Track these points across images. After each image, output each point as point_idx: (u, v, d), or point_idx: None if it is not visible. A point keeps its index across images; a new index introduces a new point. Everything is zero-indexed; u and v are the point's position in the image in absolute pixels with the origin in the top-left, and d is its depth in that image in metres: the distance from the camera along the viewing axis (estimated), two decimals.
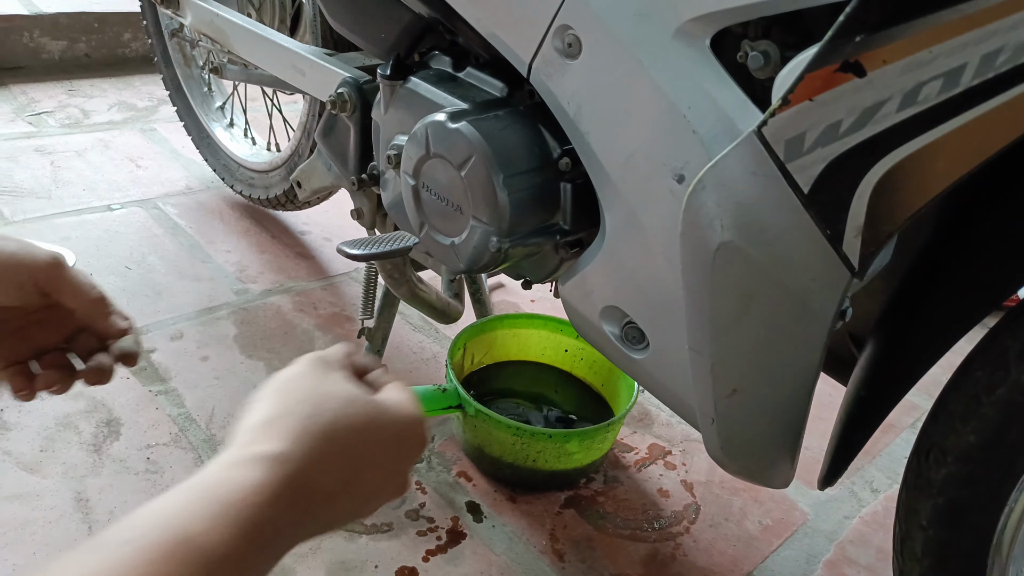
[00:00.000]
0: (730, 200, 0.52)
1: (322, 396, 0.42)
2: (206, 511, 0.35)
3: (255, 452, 0.38)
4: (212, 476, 0.37)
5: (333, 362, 0.47)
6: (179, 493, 0.36)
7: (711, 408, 0.61)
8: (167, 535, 0.33)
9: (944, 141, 0.43)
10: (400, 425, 0.45)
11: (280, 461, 0.38)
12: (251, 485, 0.36)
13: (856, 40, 0.42)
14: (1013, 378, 0.55)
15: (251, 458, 0.37)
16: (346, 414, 0.42)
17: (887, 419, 0.66)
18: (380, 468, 0.44)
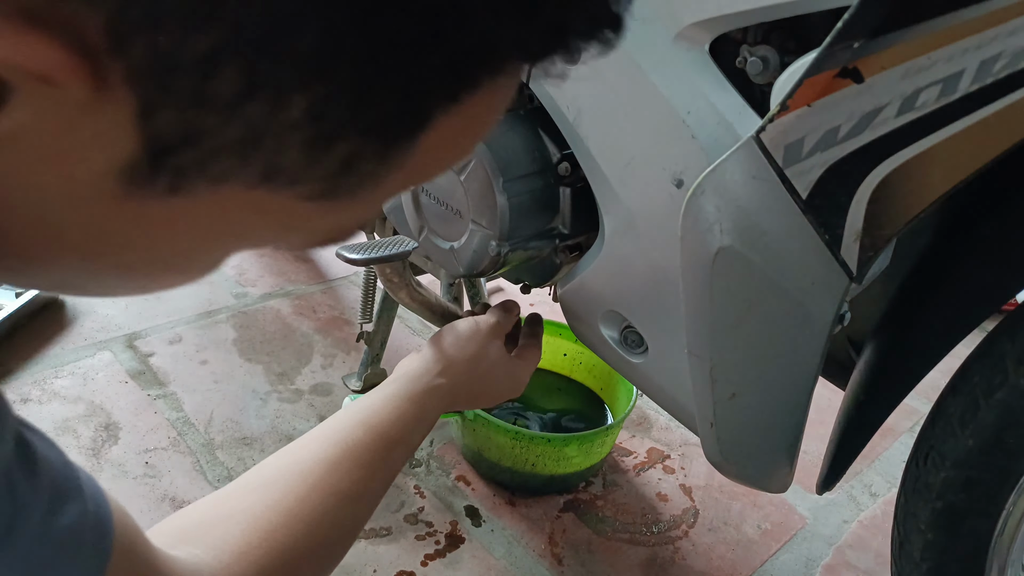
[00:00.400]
0: (729, 205, 0.52)
1: (483, 356, 0.72)
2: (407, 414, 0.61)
3: (437, 384, 0.66)
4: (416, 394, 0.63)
5: (500, 331, 0.75)
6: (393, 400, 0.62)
7: (710, 412, 0.62)
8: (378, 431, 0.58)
9: (942, 147, 0.43)
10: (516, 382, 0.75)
11: (447, 391, 0.67)
12: (429, 405, 0.64)
13: (854, 46, 0.42)
14: (1011, 382, 0.55)
15: (434, 387, 0.65)
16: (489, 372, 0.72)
17: (885, 423, 0.66)
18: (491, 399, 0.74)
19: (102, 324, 1.23)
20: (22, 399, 1.06)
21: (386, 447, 0.57)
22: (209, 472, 1.00)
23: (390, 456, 0.57)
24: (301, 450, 0.54)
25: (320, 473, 0.51)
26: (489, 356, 0.72)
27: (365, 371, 1.20)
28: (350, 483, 0.52)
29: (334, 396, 1.18)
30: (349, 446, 0.54)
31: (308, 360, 1.25)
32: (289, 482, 0.50)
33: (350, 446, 0.54)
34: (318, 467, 0.52)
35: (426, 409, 0.63)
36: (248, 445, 1.06)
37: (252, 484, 0.50)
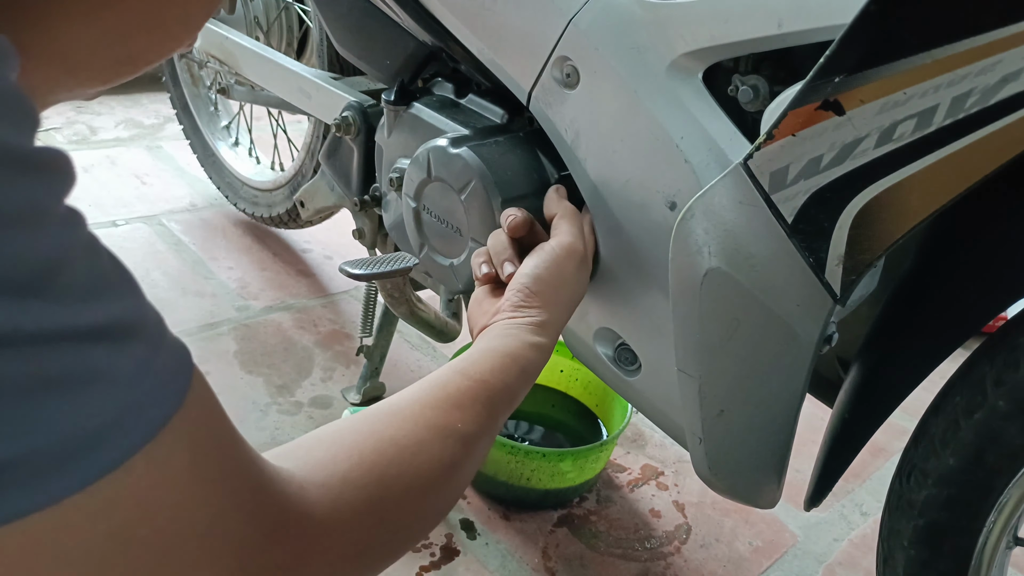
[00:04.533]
0: (718, 228, 0.54)
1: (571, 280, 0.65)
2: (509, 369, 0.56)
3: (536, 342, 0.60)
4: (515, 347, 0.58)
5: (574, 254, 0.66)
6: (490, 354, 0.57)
7: (699, 428, 0.63)
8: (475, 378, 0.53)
9: (918, 177, 0.45)
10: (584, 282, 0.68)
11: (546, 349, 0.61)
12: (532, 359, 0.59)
13: (835, 80, 0.45)
14: (990, 403, 0.57)
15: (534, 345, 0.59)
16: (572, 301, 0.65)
17: (877, 443, 0.67)
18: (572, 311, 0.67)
19: None
20: None
21: (488, 394, 0.53)
22: None
23: (492, 403, 0.53)
24: (396, 395, 0.51)
25: (416, 409, 0.48)
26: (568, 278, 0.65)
27: (364, 384, 1.21)
28: (448, 420, 0.49)
29: (334, 409, 1.20)
30: (447, 389, 0.51)
31: (308, 373, 1.27)
32: (382, 415, 0.47)
33: (448, 389, 0.51)
34: (413, 405, 0.49)
35: (529, 364, 0.58)
36: None
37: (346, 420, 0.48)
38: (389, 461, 0.43)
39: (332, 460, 0.41)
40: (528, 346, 0.59)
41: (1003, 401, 0.56)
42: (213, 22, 1.30)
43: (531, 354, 0.59)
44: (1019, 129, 0.43)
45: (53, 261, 0.25)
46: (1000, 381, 0.56)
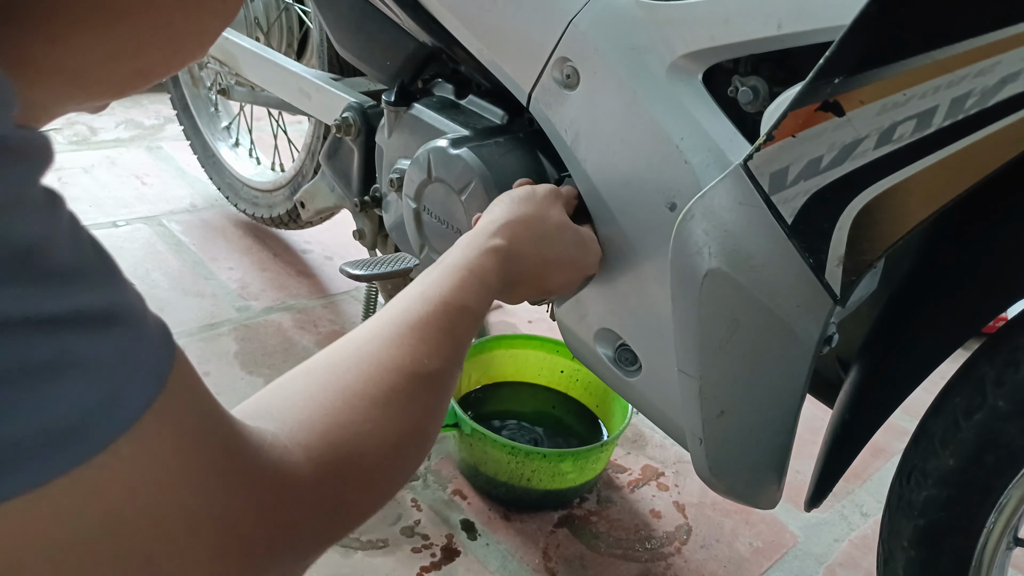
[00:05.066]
0: (718, 229, 0.54)
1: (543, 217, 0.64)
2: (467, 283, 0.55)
3: (493, 245, 0.59)
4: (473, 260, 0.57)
5: (559, 196, 0.68)
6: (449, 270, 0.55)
7: (699, 429, 0.63)
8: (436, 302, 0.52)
9: (918, 178, 0.45)
10: (585, 251, 0.67)
11: (507, 252, 0.60)
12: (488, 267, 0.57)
13: (835, 82, 0.45)
14: (990, 403, 0.57)
15: (490, 249, 0.59)
16: (553, 235, 0.64)
17: (877, 443, 0.67)
18: (561, 275, 0.66)
19: None
20: None
21: (449, 317, 0.52)
22: None
23: (455, 327, 0.52)
24: (360, 332, 0.50)
25: (380, 351, 0.47)
26: (551, 217, 0.65)
27: None
28: (415, 358, 0.48)
29: None
30: (410, 322, 0.50)
31: None
32: (348, 363, 0.46)
33: (411, 322, 0.50)
34: (378, 346, 0.48)
35: (486, 273, 0.57)
36: None
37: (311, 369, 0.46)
38: (364, 417, 0.43)
39: (310, 420, 0.40)
40: (484, 252, 0.58)
41: (1003, 402, 0.56)
42: None
43: (488, 262, 0.58)
44: (1018, 130, 0.43)
45: (33, 245, 0.25)
46: (1000, 382, 0.56)
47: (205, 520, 0.31)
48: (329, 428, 0.41)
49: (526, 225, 0.62)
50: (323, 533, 0.39)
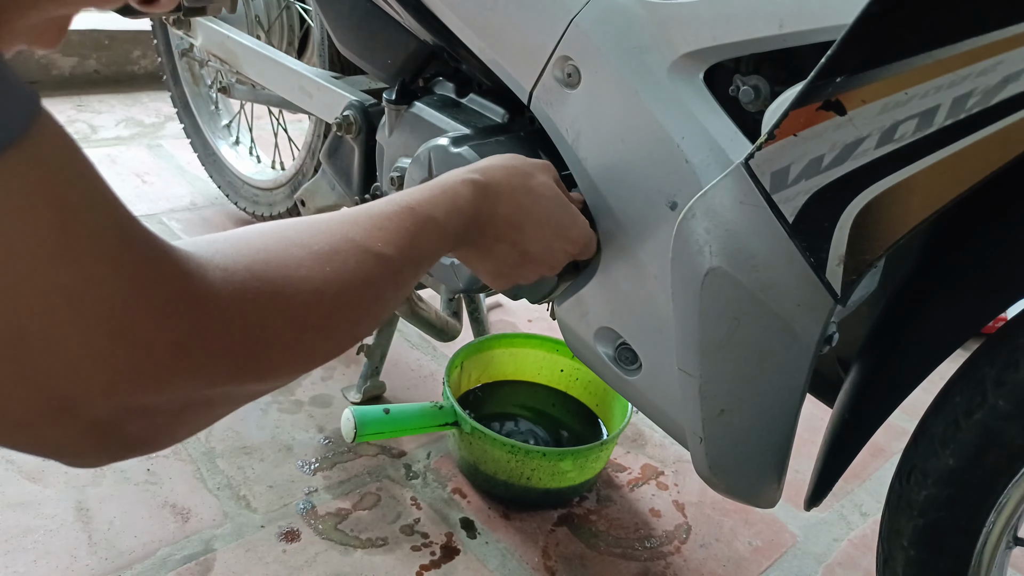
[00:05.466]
0: (719, 228, 0.54)
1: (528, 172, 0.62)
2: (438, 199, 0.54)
3: (470, 177, 0.58)
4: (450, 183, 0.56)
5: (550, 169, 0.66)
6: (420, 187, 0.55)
7: (699, 428, 0.63)
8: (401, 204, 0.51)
9: (919, 177, 0.45)
10: (572, 219, 0.65)
11: (484, 186, 0.58)
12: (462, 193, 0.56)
13: (837, 81, 0.45)
14: (990, 403, 0.57)
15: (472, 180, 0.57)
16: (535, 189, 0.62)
17: (877, 443, 0.68)
18: (541, 237, 0.62)
19: None
20: None
21: (413, 220, 0.50)
22: (209, 480, 1.02)
23: (417, 230, 0.50)
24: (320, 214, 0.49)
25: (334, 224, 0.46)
26: (536, 176, 0.63)
27: (365, 383, 1.22)
28: (367, 238, 0.46)
29: (334, 408, 1.20)
30: (368, 211, 0.49)
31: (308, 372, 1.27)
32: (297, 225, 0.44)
33: (370, 211, 0.49)
34: (333, 219, 0.46)
35: (459, 197, 0.55)
36: (248, 454, 1.07)
37: (251, 226, 0.44)
38: (298, 262, 0.41)
39: (236, 252, 0.38)
40: (461, 181, 0.57)
41: (1003, 401, 0.56)
42: (214, 21, 1.30)
43: (464, 189, 0.56)
44: (1020, 130, 0.43)
45: None
46: (1000, 381, 0.56)
47: (89, 303, 0.29)
48: (255, 261, 0.39)
49: (507, 171, 0.61)
50: (236, 361, 0.37)
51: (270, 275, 0.39)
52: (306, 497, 1.02)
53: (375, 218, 0.48)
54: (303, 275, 0.41)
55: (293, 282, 0.40)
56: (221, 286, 0.35)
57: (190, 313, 0.33)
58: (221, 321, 0.35)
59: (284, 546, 0.95)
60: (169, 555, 0.90)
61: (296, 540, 0.96)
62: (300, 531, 0.97)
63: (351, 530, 0.98)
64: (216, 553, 0.92)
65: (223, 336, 0.35)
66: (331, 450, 1.11)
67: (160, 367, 0.32)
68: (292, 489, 1.03)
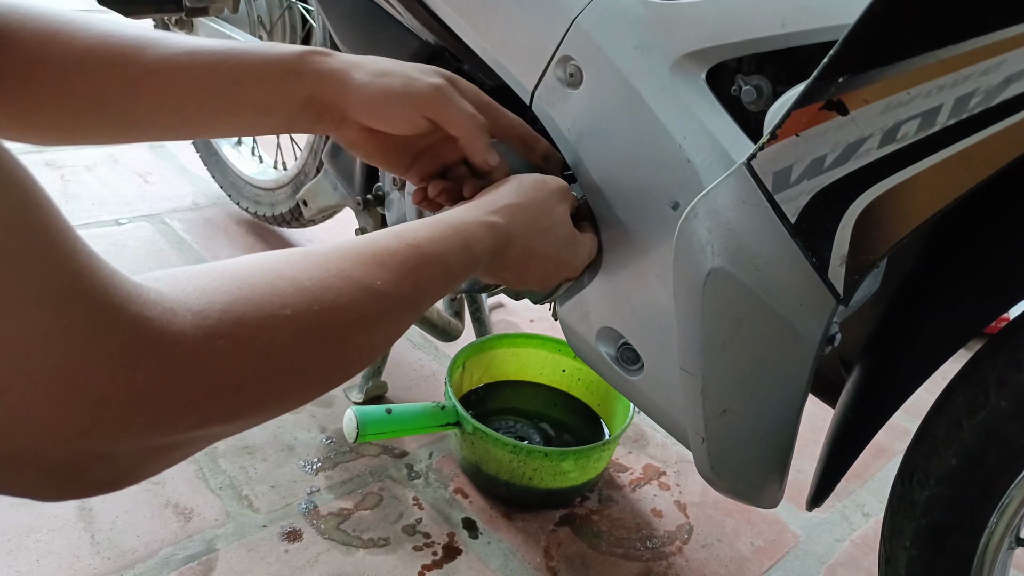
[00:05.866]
0: (721, 228, 0.54)
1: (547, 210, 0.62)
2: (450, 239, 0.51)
3: (491, 220, 0.56)
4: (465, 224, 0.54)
5: (567, 195, 0.66)
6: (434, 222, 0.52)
7: (701, 427, 0.63)
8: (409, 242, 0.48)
9: (922, 177, 0.45)
10: (576, 252, 0.66)
11: (501, 230, 0.57)
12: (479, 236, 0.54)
13: (839, 80, 0.45)
14: (992, 404, 0.57)
15: (487, 223, 0.56)
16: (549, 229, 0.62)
17: (879, 444, 0.68)
18: (543, 269, 0.63)
19: None
20: None
21: (417, 258, 0.48)
22: (211, 480, 1.02)
23: (421, 270, 0.48)
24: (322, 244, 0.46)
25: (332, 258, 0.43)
26: (554, 213, 0.62)
27: (367, 383, 1.22)
28: (365, 273, 0.43)
29: (336, 407, 1.20)
30: (372, 245, 0.46)
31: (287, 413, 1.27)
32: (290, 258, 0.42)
33: (373, 246, 0.46)
34: (331, 253, 0.43)
35: (474, 242, 0.53)
36: (250, 454, 1.08)
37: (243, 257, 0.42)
38: (283, 301, 0.38)
39: (216, 290, 0.36)
40: (479, 223, 0.55)
41: (1005, 402, 0.56)
42: (216, 21, 1.30)
43: (481, 232, 0.54)
44: (1022, 129, 0.43)
45: None
46: (1003, 382, 0.56)
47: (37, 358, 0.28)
48: (236, 300, 0.36)
49: (528, 213, 0.60)
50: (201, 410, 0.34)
51: (249, 316, 0.36)
52: (308, 497, 1.02)
53: (378, 253, 0.46)
54: (286, 315, 0.38)
55: (274, 322, 0.37)
56: (190, 332, 0.33)
57: (148, 365, 0.31)
58: (185, 370, 0.33)
59: (286, 546, 0.95)
60: (171, 555, 0.91)
61: (298, 540, 0.96)
62: (302, 531, 0.97)
63: (353, 530, 0.98)
64: (218, 553, 0.92)
65: (186, 386, 0.33)
66: (333, 450, 1.11)
67: (115, 420, 0.31)
68: (294, 489, 1.03)
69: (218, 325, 0.34)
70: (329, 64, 0.59)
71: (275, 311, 0.37)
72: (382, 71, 0.60)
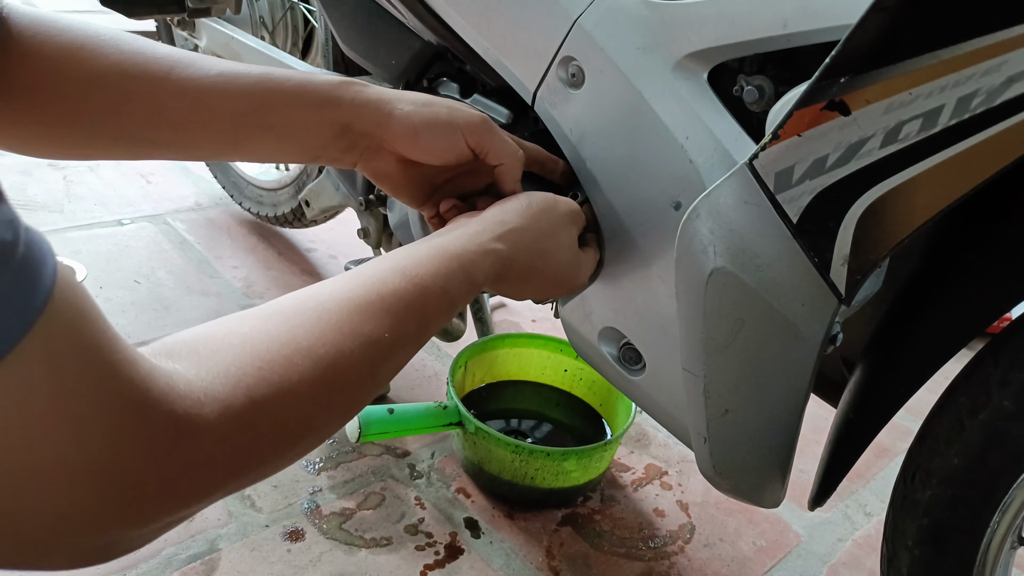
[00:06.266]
0: (723, 228, 0.54)
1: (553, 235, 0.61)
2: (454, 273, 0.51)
3: (493, 248, 0.56)
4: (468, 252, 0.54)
5: (576, 219, 0.65)
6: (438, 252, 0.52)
7: (704, 427, 0.63)
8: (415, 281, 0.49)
9: (923, 177, 0.45)
10: (571, 277, 0.65)
11: (505, 258, 0.56)
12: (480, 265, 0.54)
13: (841, 81, 0.45)
14: (994, 403, 0.57)
15: (489, 251, 0.55)
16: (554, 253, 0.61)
17: (881, 443, 0.68)
18: (539, 286, 0.62)
19: None
20: None
21: (423, 298, 0.49)
22: None
23: (427, 308, 0.49)
24: (325, 288, 0.46)
25: (342, 312, 0.44)
26: (559, 237, 0.62)
27: None
28: (375, 327, 0.45)
29: None
30: (380, 290, 0.47)
31: None
32: (303, 316, 0.43)
33: (381, 291, 0.47)
34: (340, 305, 0.44)
35: (476, 271, 0.54)
36: None
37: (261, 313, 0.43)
38: (301, 376, 0.40)
39: (238, 370, 0.37)
40: (482, 251, 0.55)
41: (1008, 401, 0.56)
42: (218, 22, 1.31)
43: (482, 260, 0.55)
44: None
45: None
46: (1005, 381, 0.56)
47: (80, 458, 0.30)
48: (257, 383, 0.38)
49: (533, 239, 0.60)
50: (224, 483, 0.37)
51: (270, 398, 0.38)
52: (310, 497, 1.02)
53: (386, 299, 0.46)
54: (304, 390, 0.40)
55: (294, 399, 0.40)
56: (217, 421, 0.35)
57: (180, 456, 0.34)
58: (214, 456, 0.35)
59: (288, 545, 0.95)
60: (174, 554, 0.91)
61: (300, 540, 0.96)
62: (304, 531, 0.97)
63: (355, 530, 0.99)
64: (221, 552, 0.92)
65: (215, 468, 0.36)
66: (335, 450, 1.11)
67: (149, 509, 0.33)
68: (296, 489, 1.03)
69: (243, 412, 0.37)
70: (367, 94, 0.60)
71: (294, 387, 0.39)
72: (425, 102, 0.61)
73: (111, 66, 0.52)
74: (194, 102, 0.55)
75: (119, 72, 0.52)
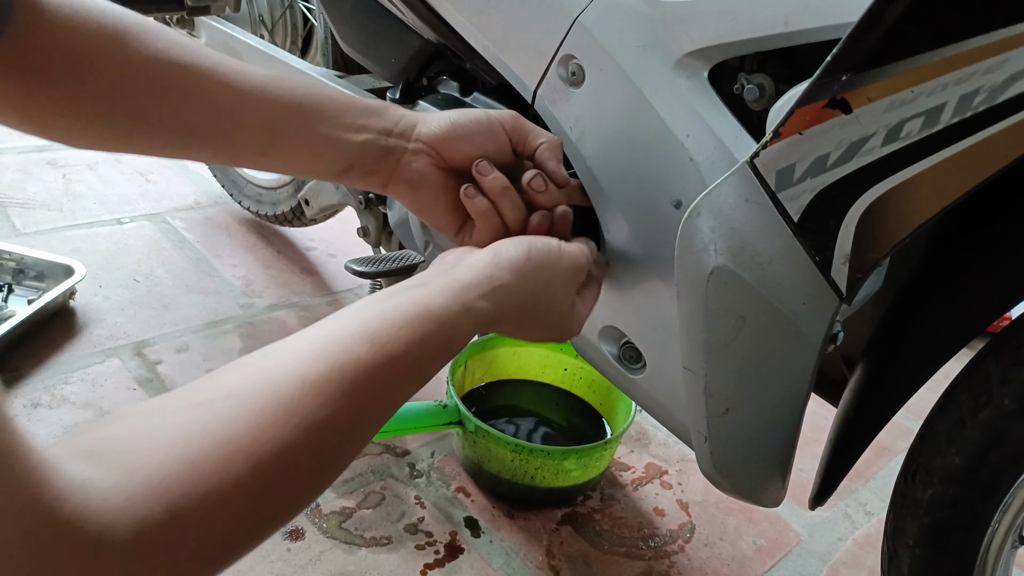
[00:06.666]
0: (724, 226, 0.54)
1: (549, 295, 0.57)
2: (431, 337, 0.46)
3: (479, 308, 0.51)
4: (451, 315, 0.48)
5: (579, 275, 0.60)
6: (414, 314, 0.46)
7: (704, 426, 0.63)
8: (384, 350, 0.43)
9: (925, 175, 0.45)
10: (563, 331, 0.60)
11: (487, 320, 0.52)
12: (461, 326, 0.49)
13: (843, 79, 0.44)
14: (995, 402, 0.57)
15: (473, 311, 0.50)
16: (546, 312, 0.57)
17: (881, 442, 0.67)
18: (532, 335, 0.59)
19: (111, 332, 1.25)
20: (32, 404, 1.08)
21: (391, 372, 0.43)
22: None
23: (394, 383, 0.44)
24: (280, 360, 0.40)
25: (293, 394, 0.38)
26: (556, 296, 0.57)
27: None
28: (331, 412, 0.39)
29: None
30: (342, 364, 0.41)
31: None
32: (247, 401, 0.37)
33: (343, 364, 0.41)
34: (292, 386, 0.38)
35: (456, 332, 0.48)
36: None
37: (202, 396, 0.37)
38: (236, 483, 0.34)
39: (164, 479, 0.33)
40: (465, 311, 0.49)
41: (1009, 400, 0.56)
42: (218, 20, 1.30)
43: (464, 321, 0.49)
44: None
45: None
46: (1006, 380, 0.56)
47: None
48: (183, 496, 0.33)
49: (524, 299, 0.55)
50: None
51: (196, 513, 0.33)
52: None
53: (347, 375, 0.41)
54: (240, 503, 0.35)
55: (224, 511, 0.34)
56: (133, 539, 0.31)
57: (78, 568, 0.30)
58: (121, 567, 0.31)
59: (288, 544, 0.95)
60: None
61: (300, 539, 0.96)
62: (304, 530, 0.97)
63: (355, 529, 0.99)
64: None
65: None
66: None
67: None
68: None
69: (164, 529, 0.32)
70: (403, 110, 0.63)
71: (225, 498, 0.34)
72: (458, 111, 0.63)
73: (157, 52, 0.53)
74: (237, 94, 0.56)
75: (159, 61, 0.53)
